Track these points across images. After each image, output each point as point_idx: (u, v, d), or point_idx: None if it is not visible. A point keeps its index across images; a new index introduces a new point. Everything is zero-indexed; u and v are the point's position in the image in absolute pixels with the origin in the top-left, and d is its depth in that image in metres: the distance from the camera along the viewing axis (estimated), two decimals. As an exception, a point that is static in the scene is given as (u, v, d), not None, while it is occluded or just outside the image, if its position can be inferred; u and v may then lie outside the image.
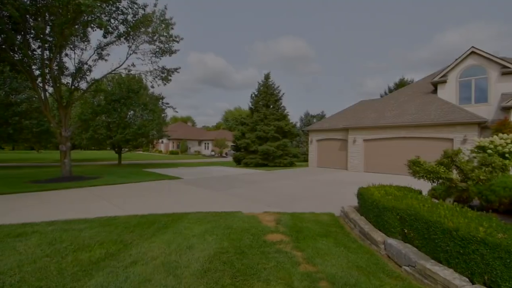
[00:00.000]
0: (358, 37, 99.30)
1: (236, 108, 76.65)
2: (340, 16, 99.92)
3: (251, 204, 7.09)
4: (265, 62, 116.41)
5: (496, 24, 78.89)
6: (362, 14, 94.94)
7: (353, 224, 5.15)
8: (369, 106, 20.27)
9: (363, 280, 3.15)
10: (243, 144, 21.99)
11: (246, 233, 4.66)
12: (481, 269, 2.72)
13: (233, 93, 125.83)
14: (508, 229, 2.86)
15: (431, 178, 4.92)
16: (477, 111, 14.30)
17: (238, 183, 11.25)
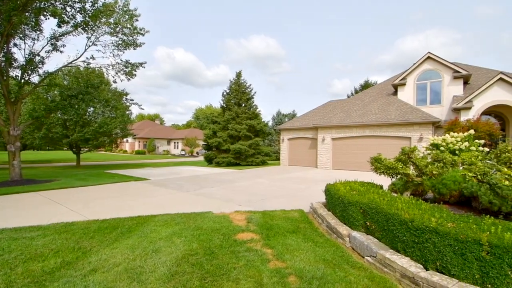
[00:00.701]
0: (326, 40, 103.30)
1: (208, 106, 75.10)
2: (309, 18, 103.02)
3: (222, 204, 6.99)
4: (237, 60, 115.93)
5: (450, 32, 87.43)
6: (330, 18, 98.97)
7: (321, 220, 5.32)
8: (337, 106, 21.20)
9: (329, 272, 3.27)
10: (214, 143, 21.67)
11: (216, 234, 4.58)
12: (434, 256, 2.97)
13: (204, 91, 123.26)
14: (457, 219, 3.16)
15: (391, 174, 5.27)
16: (431, 112, 15.69)
17: (209, 183, 11.04)
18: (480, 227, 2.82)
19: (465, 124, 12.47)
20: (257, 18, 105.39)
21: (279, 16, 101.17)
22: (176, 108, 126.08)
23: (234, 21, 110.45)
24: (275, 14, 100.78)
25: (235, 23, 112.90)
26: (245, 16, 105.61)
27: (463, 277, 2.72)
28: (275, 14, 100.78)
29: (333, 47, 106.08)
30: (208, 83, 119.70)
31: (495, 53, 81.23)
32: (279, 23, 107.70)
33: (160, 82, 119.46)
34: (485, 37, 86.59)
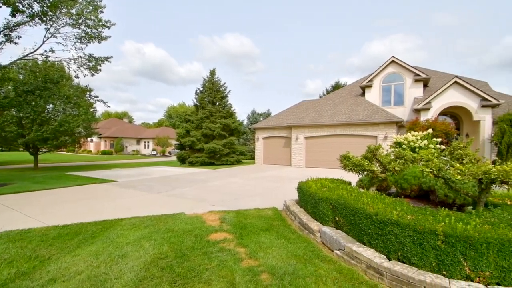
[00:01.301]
0: (299, 40, 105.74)
1: (180, 104, 72.60)
2: (283, 18, 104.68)
3: (195, 205, 6.83)
4: (211, 58, 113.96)
5: (414, 37, 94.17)
6: (302, 20, 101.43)
7: (293, 216, 5.43)
8: (310, 106, 21.81)
9: (300, 267, 3.34)
10: (188, 142, 21.14)
11: (188, 235, 4.46)
12: (396, 247, 3.17)
13: (176, 88, 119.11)
14: (416, 212, 3.40)
15: (358, 171, 5.53)
16: (395, 112, 16.77)
17: (181, 183, 10.74)
18: (436, 219, 3.06)
19: (424, 124, 13.51)
20: (231, 16, 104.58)
21: (254, 15, 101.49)
22: (146, 106, 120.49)
23: (207, 18, 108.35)
24: (249, 12, 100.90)
25: (208, 20, 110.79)
26: (218, 13, 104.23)
27: (421, 265, 2.94)
28: (249, 12, 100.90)
29: (306, 48, 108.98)
30: (180, 80, 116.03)
31: (453, 58, 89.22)
32: (254, 22, 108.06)
33: (128, 78, 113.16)
34: (444, 43, 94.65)
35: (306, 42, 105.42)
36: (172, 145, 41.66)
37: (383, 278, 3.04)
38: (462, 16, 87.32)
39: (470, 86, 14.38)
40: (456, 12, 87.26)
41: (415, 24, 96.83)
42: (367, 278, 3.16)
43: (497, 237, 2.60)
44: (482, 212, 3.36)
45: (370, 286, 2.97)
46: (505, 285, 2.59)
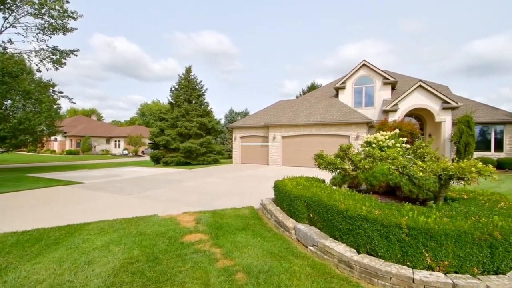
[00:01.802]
0: (277, 41, 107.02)
1: (155, 101, 69.69)
2: (260, 17, 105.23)
3: (169, 206, 6.63)
4: (187, 55, 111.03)
5: (384, 42, 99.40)
6: (280, 20, 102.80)
7: (270, 215, 5.48)
8: (287, 106, 22.15)
9: (275, 265, 3.38)
10: (162, 141, 20.45)
11: (161, 238, 4.32)
12: (364, 241, 3.32)
13: (150, 85, 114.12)
14: (383, 207, 3.59)
15: (331, 169, 5.72)
16: (366, 113, 17.60)
17: (155, 184, 10.38)
18: (401, 213, 3.26)
19: (392, 124, 14.32)
20: (208, 12, 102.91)
21: (231, 13, 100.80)
22: (117, 103, 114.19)
23: (183, 13, 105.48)
24: (227, 10, 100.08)
25: (184, 15, 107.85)
26: (194, 9, 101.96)
27: (388, 257, 3.11)
28: (227, 10, 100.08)
29: (283, 48, 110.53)
30: (155, 77, 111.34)
31: (418, 63, 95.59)
32: (231, 20, 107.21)
33: (98, 73, 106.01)
34: (410, 49, 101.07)
35: (283, 43, 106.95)
36: (145, 144, 40.08)
37: (353, 271, 3.18)
38: (426, 24, 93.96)
39: (432, 90, 15.51)
40: (421, 20, 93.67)
41: (384, 30, 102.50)
42: (339, 272, 3.28)
43: (455, 229, 2.83)
44: (441, 206, 3.64)
45: (341, 279, 3.08)
46: (462, 273, 2.82)
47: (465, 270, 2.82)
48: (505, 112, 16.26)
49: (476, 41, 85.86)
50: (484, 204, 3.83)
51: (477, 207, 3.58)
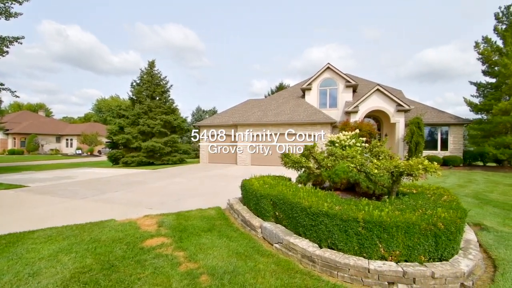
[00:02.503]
0: (245, 40, 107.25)
1: (113, 97, 64.24)
2: (229, 14, 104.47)
3: (128, 209, 6.22)
4: (151, 48, 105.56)
5: (346, 47, 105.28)
6: (248, 18, 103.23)
7: (236, 215, 5.44)
8: (256, 105, 22.28)
9: (240, 264, 3.36)
10: (121, 140, 19.11)
11: (118, 244, 4.02)
12: (326, 236, 3.45)
13: (108, 79, 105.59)
14: (343, 202, 3.77)
15: (297, 167, 5.88)
16: (330, 114, 18.46)
17: (113, 186, 9.67)
18: (358, 208, 3.45)
19: (353, 125, 15.25)
20: (173, 5, 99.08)
21: (198, 7, 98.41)
22: (70, 97, 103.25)
23: (146, 4, 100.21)
24: (193, 4, 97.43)
25: (147, 7, 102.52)
26: (159, 0, 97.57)
27: (346, 250, 3.28)
28: (193, 4, 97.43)
29: (252, 48, 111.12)
30: (114, 70, 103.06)
31: (376, 68, 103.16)
32: (198, 15, 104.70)
33: (47, 64, 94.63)
34: (370, 55, 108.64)
35: (252, 42, 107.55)
36: (102, 143, 37.20)
37: (316, 265, 3.29)
38: (384, 33, 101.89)
39: (388, 93, 16.84)
40: (380, 29, 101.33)
41: (348, 36, 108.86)
42: (302, 267, 3.37)
43: (404, 221, 3.08)
44: (394, 200, 3.94)
45: (304, 274, 3.17)
46: (411, 261, 3.07)
47: (414, 259, 3.08)
48: (450, 115, 18.31)
49: (427, 50, 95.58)
50: (430, 197, 4.24)
51: (424, 201, 3.94)
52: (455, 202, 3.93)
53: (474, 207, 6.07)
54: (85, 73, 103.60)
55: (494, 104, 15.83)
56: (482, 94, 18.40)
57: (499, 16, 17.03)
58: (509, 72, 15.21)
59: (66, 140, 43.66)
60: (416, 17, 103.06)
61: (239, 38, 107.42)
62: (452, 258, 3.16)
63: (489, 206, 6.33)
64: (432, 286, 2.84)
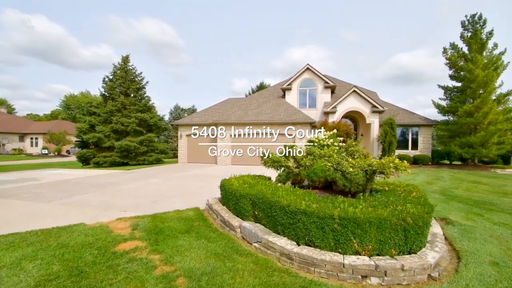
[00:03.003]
0: (226, 39, 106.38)
1: (84, 93, 60.11)
2: (209, 12, 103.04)
3: (100, 212, 5.92)
4: (125, 42, 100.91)
5: (325, 49, 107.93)
6: (229, 16, 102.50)
7: (215, 215, 5.37)
8: (236, 104, 22.15)
9: (218, 265, 3.32)
10: (92, 139, 18.13)
11: (88, 249, 3.81)
12: (304, 233, 3.51)
13: (77, 74, 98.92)
14: (320, 200, 3.85)
15: (276, 167, 5.93)
16: (310, 114, 18.82)
17: (83, 188, 9.15)
18: (334, 205, 3.55)
19: (331, 125, 15.69)
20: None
21: (176, 1, 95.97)
22: (35, 93, 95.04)
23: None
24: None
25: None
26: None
27: (323, 246, 3.35)
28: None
29: (232, 46, 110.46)
30: (84, 65, 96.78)
31: (354, 70, 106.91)
32: (177, 10, 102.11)
33: (9, 56, 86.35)
34: (348, 57, 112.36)
35: (234, 41, 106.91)
36: (71, 142, 35.04)
37: (293, 262, 3.33)
38: (361, 36, 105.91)
39: (364, 95, 17.52)
40: (357, 33, 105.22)
41: (326, 37, 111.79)
42: (280, 265, 3.39)
43: (376, 217, 3.21)
44: (367, 197, 4.10)
45: (282, 272, 3.20)
46: (383, 255, 3.21)
47: (385, 252, 3.22)
48: (420, 117, 19.42)
49: (400, 55, 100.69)
50: (401, 194, 4.46)
51: (395, 197, 4.14)
52: (423, 198, 4.17)
53: (440, 203, 6.48)
54: (52, 67, 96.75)
55: (459, 107, 17.01)
56: (449, 97, 19.70)
57: (465, 24, 18.33)
58: (473, 77, 16.44)
59: (30, 139, 40.62)
60: (390, 22, 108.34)
61: (220, 35, 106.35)
62: (420, 251, 3.35)
63: (454, 202, 6.79)
64: (402, 278, 2.98)
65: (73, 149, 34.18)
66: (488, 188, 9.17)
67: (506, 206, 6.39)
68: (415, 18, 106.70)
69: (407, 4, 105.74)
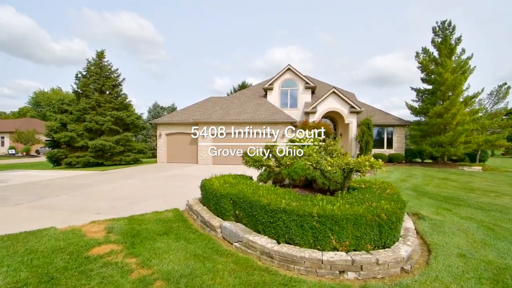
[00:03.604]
0: (206, 36, 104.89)
1: (55, 89, 56.74)
2: (188, 8, 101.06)
3: (72, 216, 5.61)
4: (100, 37, 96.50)
5: (306, 50, 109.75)
6: (211, 16, 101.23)
7: (196, 216, 5.29)
8: (217, 103, 21.92)
9: (198, 266, 3.27)
10: (64, 138, 17.16)
11: (59, 254, 3.60)
12: (284, 231, 3.55)
13: (48, 69, 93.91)
14: (300, 199, 3.91)
15: (257, 166, 5.94)
16: (291, 114, 19.07)
17: (54, 190, 8.63)
18: (313, 203, 3.62)
19: (312, 125, 15.98)
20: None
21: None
22: (0, 89, 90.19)
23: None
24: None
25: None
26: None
27: (302, 244, 3.41)
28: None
29: (213, 45, 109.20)
30: (55, 60, 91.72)
31: (333, 72, 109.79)
32: (156, 5, 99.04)
33: None
34: (327, 59, 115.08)
35: (215, 39, 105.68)
36: (40, 141, 32.97)
37: (274, 260, 3.36)
38: (340, 39, 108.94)
39: (343, 96, 18.04)
40: (336, 35, 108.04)
41: (306, 38, 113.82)
42: (261, 264, 3.41)
43: (353, 213, 3.32)
44: (345, 195, 4.23)
45: (262, 270, 3.21)
46: (359, 250, 3.33)
47: (361, 247, 3.34)
48: (394, 117, 20.34)
49: (376, 58, 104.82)
50: (376, 191, 4.64)
51: (370, 194, 4.30)
52: (396, 195, 4.37)
53: (413, 199, 6.84)
54: (20, 61, 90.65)
55: (430, 108, 18.04)
56: (421, 99, 20.81)
57: (436, 30, 19.43)
58: (443, 80, 17.48)
59: (-5, 138, 37.68)
60: (367, 26, 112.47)
61: (201, 33, 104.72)
62: (394, 245, 3.51)
63: (426, 198, 7.19)
64: (377, 271, 3.11)
65: (43, 149, 32.18)
66: (456, 185, 9.81)
67: (472, 201, 6.86)
68: (390, 23, 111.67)
69: (383, 9, 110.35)
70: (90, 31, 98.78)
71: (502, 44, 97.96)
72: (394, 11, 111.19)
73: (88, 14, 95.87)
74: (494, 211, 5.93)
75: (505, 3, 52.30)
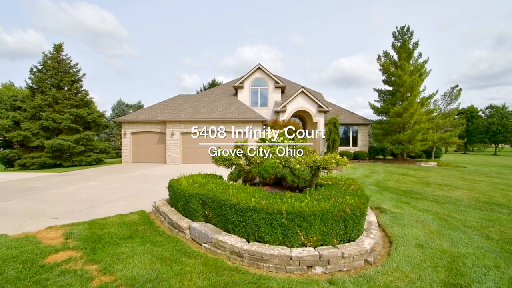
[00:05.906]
0: (174, 33, 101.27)
1: (6, 84, 51.09)
2: (155, 3, 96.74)
3: (25, 221, 5.08)
4: (57, 28, 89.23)
5: (275, 50, 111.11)
6: (179, 10, 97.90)
7: (163, 217, 5.09)
8: (187, 101, 21.31)
9: (165, 270, 3.15)
10: (17, 137, 15.53)
11: (11, 263, 3.24)
12: (253, 230, 3.57)
13: (1, 62, 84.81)
14: (269, 197, 3.96)
15: (227, 165, 5.90)
16: (261, 113, 19.21)
17: (5, 194, 7.73)
18: (283, 201, 3.69)
19: (281, 123, 16.28)
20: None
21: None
22: None
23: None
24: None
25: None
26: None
27: (272, 241, 3.46)
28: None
29: (182, 41, 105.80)
30: (7, 53, 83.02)
31: (302, 72, 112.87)
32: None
33: None
34: (296, 59, 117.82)
35: (181, 36, 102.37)
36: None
37: (244, 259, 3.36)
38: (308, 40, 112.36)
39: (311, 96, 18.63)
40: (305, 36, 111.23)
41: (276, 38, 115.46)
42: (230, 264, 3.39)
43: (320, 209, 3.44)
44: (313, 192, 4.37)
45: (231, 270, 3.20)
46: (326, 245, 3.46)
47: (328, 242, 3.48)
48: (359, 116, 21.51)
49: (341, 59, 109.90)
50: (342, 187, 4.86)
51: (336, 190, 4.50)
52: (360, 190, 4.63)
53: (375, 194, 7.30)
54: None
55: (391, 108, 19.40)
56: (382, 100, 22.28)
57: (395, 35, 20.90)
58: (402, 82, 18.89)
59: None
60: (334, 28, 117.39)
61: (170, 29, 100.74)
62: (358, 238, 3.71)
63: (387, 192, 7.72)
64: (342, 265, 3.26)
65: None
66: (414, 180, 10.68)
67: (428, 195, 7.52)
68: (355, 26, 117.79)
69: (348, 12, 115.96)
70: (46, 22, 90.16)
71: (455, 50, 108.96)
72: (360, 15, 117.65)
73: (43, 3, 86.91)
74: (448, 203, 6.56)
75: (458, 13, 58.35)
